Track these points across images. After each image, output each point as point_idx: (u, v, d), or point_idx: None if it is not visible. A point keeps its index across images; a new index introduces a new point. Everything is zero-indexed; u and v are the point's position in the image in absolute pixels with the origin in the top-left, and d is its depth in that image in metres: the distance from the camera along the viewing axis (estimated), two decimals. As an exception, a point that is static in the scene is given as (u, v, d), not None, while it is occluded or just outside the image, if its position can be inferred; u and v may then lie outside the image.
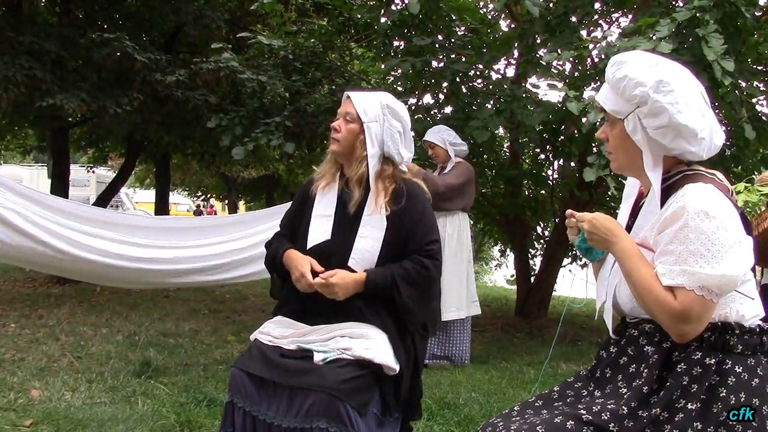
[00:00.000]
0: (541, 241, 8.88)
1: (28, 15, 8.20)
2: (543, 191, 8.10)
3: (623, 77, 1.71)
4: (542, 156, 8.00)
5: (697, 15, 4.45)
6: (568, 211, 1.86)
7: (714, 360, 1.63)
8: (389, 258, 2.47)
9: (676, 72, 1.71)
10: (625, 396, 1.69)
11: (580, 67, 6.61)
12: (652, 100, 1.66)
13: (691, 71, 1.76)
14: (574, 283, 4.66)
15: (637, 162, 1.75)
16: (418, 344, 2.52)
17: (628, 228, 1.82)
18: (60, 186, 9.73)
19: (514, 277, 8.86)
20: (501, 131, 7.61)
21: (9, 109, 7.65)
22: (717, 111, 4.64)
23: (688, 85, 1.70)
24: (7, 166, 20.37)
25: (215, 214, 29.49)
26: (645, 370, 1.69)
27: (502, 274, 12.28)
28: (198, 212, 32.21)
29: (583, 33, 6.24)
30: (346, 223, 2.50)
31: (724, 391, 1.62)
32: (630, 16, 6.70)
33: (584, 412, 1.68)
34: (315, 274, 2.41)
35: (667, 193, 1.71)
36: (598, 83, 5.64)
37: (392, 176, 2.54)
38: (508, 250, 10.26)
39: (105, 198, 10.96)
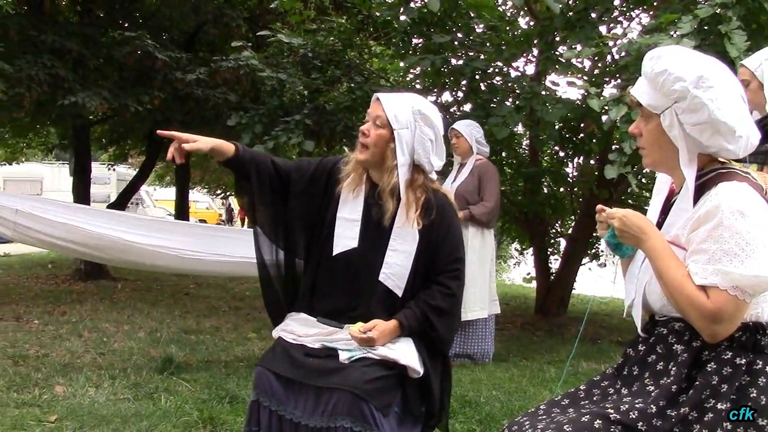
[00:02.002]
0: (560, 238, 8.84)
1: (50, 14, 8.31)
2: (562, 189, 8.07)
3: (662, 71, 1.67)
4: (562, 153, 7.97)
5: (720, 11, 4.40)
6: (599, 207, 1.82)
7: (744, 360, 1.61)
8: (420, 273, 2.41)
9: (716, 68, 1.68)
10: (653, 394, 1.66)
11: (600, 64, 6.57)
12: (692, 95, 1.63)
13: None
14: (597, 283, 4.61)
15: (671, 158, 1.73)
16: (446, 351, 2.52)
17: (659, 225, 1.80)
18: (81, 183, 9.83)
19: (532, 275, 8.82)
20: (520, 128, 7.59)
21: (32, 107, 7.74)
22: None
23: (728, 81, 1.67)
24: (29, 164, 20.54)
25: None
26: (674, 369, 1.67)
27: (519, 272, 12.21)
28: (229, 212, 32.18)
29: (603, 29, 6.19)
30: (374, 233, 2.41)
31: (755, 391, 1.60)
32: (651, 13, 6.64)
33: (612, 410, 1.66)
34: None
35: (700, 191, 1.68)
36: (619, 80, 5.60)
37: (422, 186, 2.43)
38: (525, 247, 10.22)
39: (125, 195, 11.06)
